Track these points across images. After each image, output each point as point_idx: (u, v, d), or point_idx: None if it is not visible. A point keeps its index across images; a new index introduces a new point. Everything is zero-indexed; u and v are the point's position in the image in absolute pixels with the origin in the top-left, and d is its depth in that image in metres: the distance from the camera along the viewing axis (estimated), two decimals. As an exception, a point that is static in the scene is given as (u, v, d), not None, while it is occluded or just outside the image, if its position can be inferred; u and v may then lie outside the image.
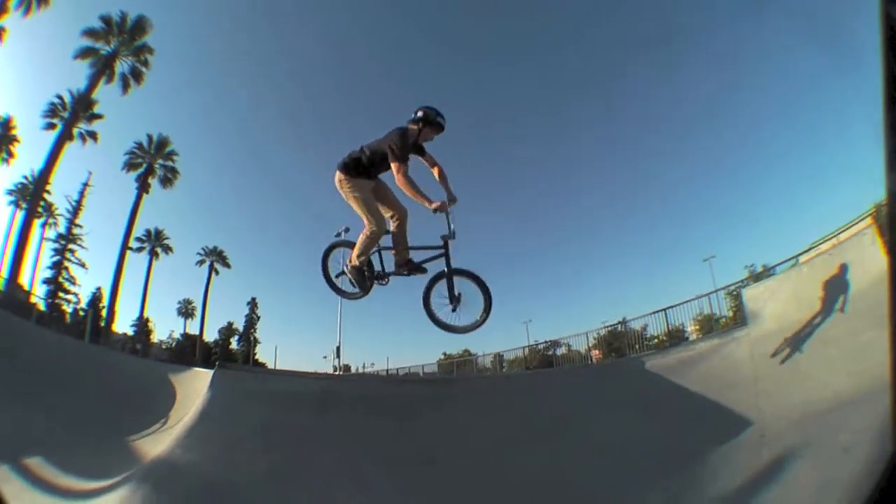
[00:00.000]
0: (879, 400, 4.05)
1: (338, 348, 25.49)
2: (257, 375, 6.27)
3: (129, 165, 34.19)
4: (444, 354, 38.82)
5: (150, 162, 34.32)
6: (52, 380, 8.74)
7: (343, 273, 5.29)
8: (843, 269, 6.01)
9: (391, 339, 71.82)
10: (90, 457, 5.57)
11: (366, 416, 5.75)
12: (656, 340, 16.75)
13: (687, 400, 7.03)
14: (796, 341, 6.36)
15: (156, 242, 39.63)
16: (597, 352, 20.54)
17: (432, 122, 4.79)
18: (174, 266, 69.94)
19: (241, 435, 4.89)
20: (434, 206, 4.57)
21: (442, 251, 4.95)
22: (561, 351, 21.83)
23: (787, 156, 57.43)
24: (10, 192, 35.69)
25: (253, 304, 48.81)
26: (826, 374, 5.22)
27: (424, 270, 5.06)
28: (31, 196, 29.86)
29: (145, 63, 30.91)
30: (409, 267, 5.07)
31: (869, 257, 5.85)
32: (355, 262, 5.03)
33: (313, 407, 5.61)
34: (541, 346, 22.66)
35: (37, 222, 30.81)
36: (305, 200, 77.96)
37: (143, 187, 33.61)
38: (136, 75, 30.85)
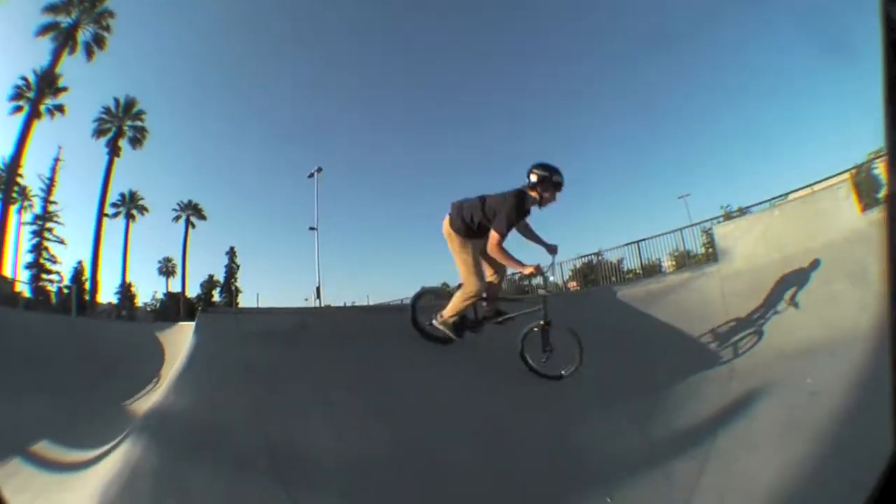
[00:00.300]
0: (848, 349, 4.32)
1: (318, 289, 25.57)
2: (237, 315, 6.25)
3: (99, 132, 34.33)
4: (423, 288, 39.66)
5: (119, 125, 34.31)
6: (39, 361, 8.89)
7: (433, 323, 5.21)
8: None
9: (371, 276, 72.75)
10: (89, 428, 5.67)
11: (337, 345, 5.86)
12: (632, 275, 17.15)
13: (656, 331, 7.25)
14: (766, 283, 6.50)
15: (130, 205, 39.23)
16: (573, 283, 20.89)
17: (549, 182, 4.52)
18: (152, 226, 67.85)
19: (225, 374, 4.96)
20: (528, 270, 4.46)
21: (540, 305, 4.90)
22: (537, 281, 22.16)
23: (786, 153, 58.16)
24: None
25: (232, 253, 48.70)
26: (794, 319, 5.44)
27: (513, 320, 5.07)
28: (5, 184, 29.07)
29: (107, 28, 30.58)
30: (500, 318, 5.12)
31: (842, 210, 5.97)
32: (447, 318, 4.95)
33: (289, 340, 5.71)
34: (517, 277, 23.03)
35: (12, 209, 29.63)
36: (274, 142, 75.56)
37: (113, 151, 34.18)
38: (99, 41, 31.07)
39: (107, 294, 38.93)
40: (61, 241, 35.56)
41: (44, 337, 10.33)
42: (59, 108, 30.70)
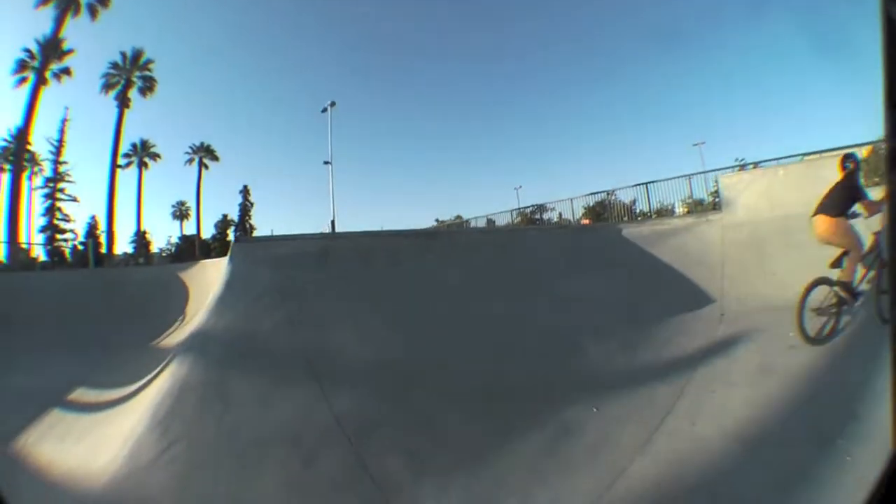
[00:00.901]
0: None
1: (332, 222, 25.78)
2: (267, 243, 6.75)
3: (107, 87, 32.96)
4: (437, 220, 39.98)
5: (128, 77, 32.93)
6: (61, 314, 9.27)
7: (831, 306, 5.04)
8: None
9: (384, 208, 72.50)
10: (126, 371, 6.05)
11: (358, 266, 6.36)
12: (642, 217, 16.94)
13: (656, 269, 7.65)
14: (764, 237, 6.78)
15: (142, 153, 38.08)
16: (586, 220, 20.64)
17: (859, 168, 5.37)
18: (165, 172, 66.74)
19: (260, 293, 5.43)
20: (881, 197, 4.75)
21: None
22: (549, 216, 22.29)
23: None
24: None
25: (245, 191, 48.04)
26: (787, 275, 5.71)
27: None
28: (15, 154, 28.21)
29: (110, -16, 28.82)
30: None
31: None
32: (850, 280, 5.05)
33: (315, 262, 6.17)
34: (529, 211, 23.12)
35: (24, 176, 29.07)
36: (282, 78, 72.95)
37: (123, 103, 32.69)
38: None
39: (122, 244, 38.98)
40: (74, 199, 35.52)
41: (67, 291, 10.66)
42: (66, 71, 29.82)
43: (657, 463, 3.24)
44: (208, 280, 9.19)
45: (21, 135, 27.82)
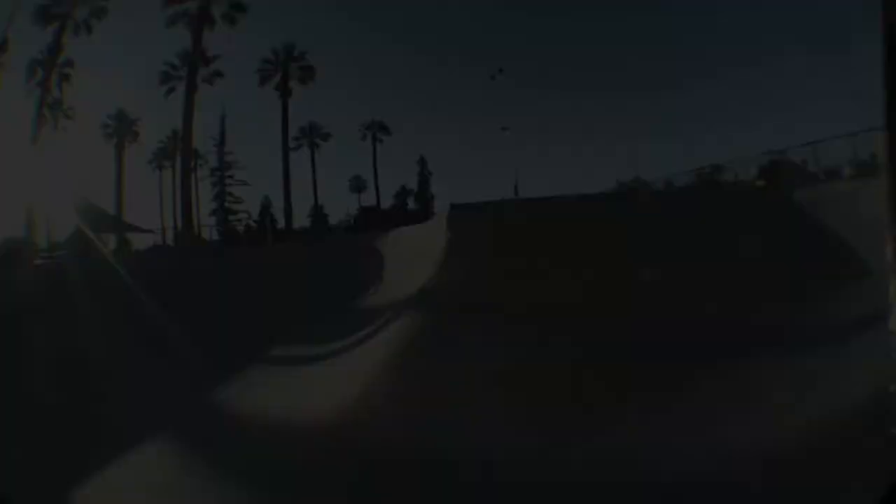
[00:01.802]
0: None
1: (515, 187, 26.17)
2: (479, 212, 7.73)
3: (263, 80, 34.87)
4: (618, 181, 39.17)
5: (284, 69, 34.54)
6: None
7: None
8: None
9: (566, 171, 70.03)
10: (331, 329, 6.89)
11: (555, 228, 6.94)
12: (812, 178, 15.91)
13: (825, 235, 7.72)
14: None
15: (312, 136, 40.22)
16: (762, 181, 19.87)
17: None
18: (340, 148, 68.68)
19: (481, 253, 6.30)
20: None
21: None
22: (726, 177, 22.13)
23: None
24: (150, 161, 37.87)
25: (422, 162, 48.66)
26: None
27: None
28: (183, 151, 30.53)
29: (243, -6, 28.93)
30: None
31: None
32: None
33: (529, 225, 6.91)
34: (706, 171, 22.72)
35: (191, 168, 31.71)
36: (451, 47, 70.09)
37: (284, 93, 34.61)
38: (238, 7, 29.46)
39: (300, 219, 41.10)
40: (245, 183, 37.90)
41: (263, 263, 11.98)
42: (218, 74, 31.66)
43: (797, 423, 3.71)
44: (402, 247, 10.21)
45: (185, 135, 29.77)
